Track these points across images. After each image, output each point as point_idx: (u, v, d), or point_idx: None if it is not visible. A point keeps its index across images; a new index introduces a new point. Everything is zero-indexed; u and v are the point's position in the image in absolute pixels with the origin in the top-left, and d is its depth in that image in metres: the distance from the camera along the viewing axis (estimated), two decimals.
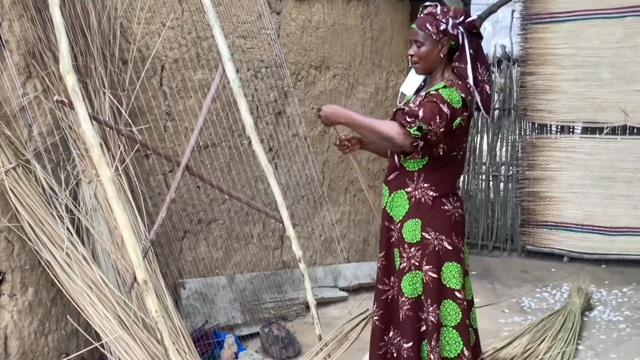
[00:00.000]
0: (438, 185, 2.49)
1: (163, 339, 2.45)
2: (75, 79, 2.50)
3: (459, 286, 2.47)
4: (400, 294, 2.53)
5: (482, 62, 2.45)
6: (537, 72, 5.93)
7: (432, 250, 2.47)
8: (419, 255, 2.48)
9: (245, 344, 3.68)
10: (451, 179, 2.59)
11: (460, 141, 2.51)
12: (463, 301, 2.48)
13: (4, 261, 2.75)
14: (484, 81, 2.44)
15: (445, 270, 2.47)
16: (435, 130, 2.33)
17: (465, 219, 2.62)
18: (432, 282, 2.46)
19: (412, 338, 2.50)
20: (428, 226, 2.48)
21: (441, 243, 2.47)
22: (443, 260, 2.47)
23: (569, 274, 5.26)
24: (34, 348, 2.88)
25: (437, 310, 2.47)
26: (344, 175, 4.92)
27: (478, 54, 2.45)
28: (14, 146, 2.77)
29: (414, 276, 2.49)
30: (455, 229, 2.51)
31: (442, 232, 2.48)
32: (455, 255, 2.49)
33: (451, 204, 2.52)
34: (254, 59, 4.02)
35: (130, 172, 3.18)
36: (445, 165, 2.51)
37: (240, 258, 4.04)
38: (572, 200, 5.79)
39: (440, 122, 2.33)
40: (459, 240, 2.52)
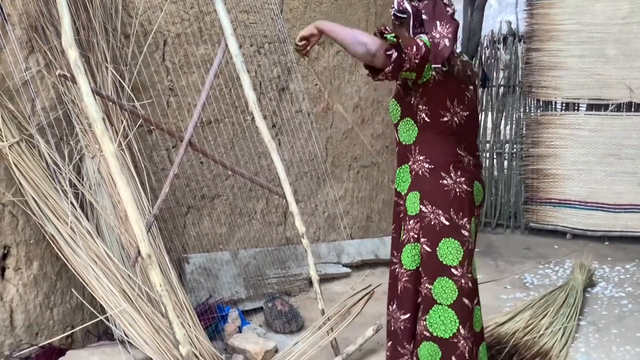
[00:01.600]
0: (432, 157, 2.48)
1: (167, 312, 2.47)
2: (78, 53, 2.49)
3: (457, 263, 2.43)
4: (400, 265, 2.55)
5: (441, 19, 2.43)
6: (543, 49, 5.89)
7: (428, 224, 2.46)
8: (417, 228, 2.48)
9: (248, 318, 3.71)
10: (448, 148, 2.50)
11: (443, 104, 2.45)
12: (461, 278, 2.44)
13: (8, 235, 2.77)
14: (443, 36, 2.40)
15: (442, 246, 2.45)
16: (410, 56, 2.31)
17: (473, 195, 2.51)
18: (426, 256, 2.45)
19: (409, 310, 2.52)
20: (425, 199, 2.48)
21: (438, 218, 2.45)
22: (440, 235, 2.44)
23: (572, 250, 5.27)
24: (39, 321, 2.91)
25: (429, 285, 2.45)
26: (348, 152, 4.91)
27: (435, 14, 2.44)
28: (17, 121, 2.77)
29: (413, 248, 2.50)
30: (454, 204, 2.46)
31: (439, 207, 2.46)
32: (454, 231, 2.45)
33: (452, 179, 2.48)
34: (257, 34, 4.00)
35: (133, 147, 3.18)
36: (437, 133, 2.48)
37: (244, 234, 4.06)
38: (576, 177, 5.78)
39: (416, 52, 2.32)
40: (459, 216, 2.46)
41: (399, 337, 2.56)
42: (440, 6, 2.46)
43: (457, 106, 2.48)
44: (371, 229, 5.21)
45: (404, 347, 2.55)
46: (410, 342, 2.54)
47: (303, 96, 4.36)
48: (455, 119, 2.49)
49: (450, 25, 2.41)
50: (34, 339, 2.89)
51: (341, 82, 4.75)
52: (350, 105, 4.86)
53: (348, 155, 4.92)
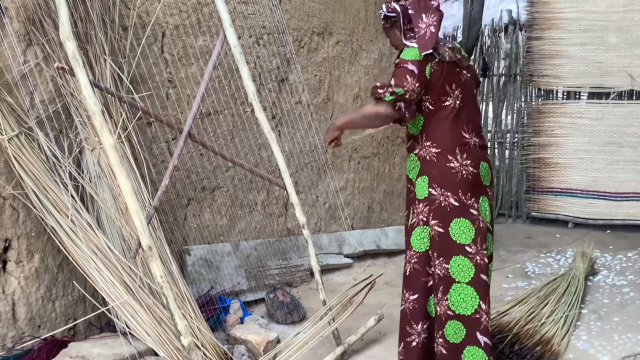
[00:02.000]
0: (438, 141, 2.62)
1: (168, 304, 2.47)
2: (76, 46, 2.49)
3: (469, 241, 2.54)
4: (409, 247, 2.65)
5: (426, 11, 2.62)
6: (544, 37, 5.86)
7: (438, 206, 2.57)
8: (426, 211, 2.60)
9: (250, 309, 3.72)
10: (453, 132, 2.62)
11: (443, 90, 2.60)
12: (476, 255, 2.55)
13: (9, 228, 2.78)
14: (428, 25, 2.60)
15: (454, 226, 2.55)
16: (411, 88, 2.53)
17: (480, 176, 2.63)
18: (439, 236, 2.56)
19: (417, 290, 2.62)
20: (434, 182, 2.59)
21: (447, 199, 2.56)
22: (451, 216, 2.56)
23: (574, 239, 5.26)
24: (41, 313, 2.92)
25: (446, 264, 2.55)
26: (348, 143, 4.90)
27: (420, 8, 2.63)
28: (16, 114, 2.77)
29: (422, 231, 2.61)
30: (462, 186, 2.57)
31: (448, 189, 2.57)
32: (464, 211, 2.56)
33: (458, 161, 2.59)
34: (256, 25, 3.99)
35: (133, 139, 3.18)
36: (442, 119, 2.62)
37: (245, 225, 4.06)
38: (577, 166, 5.77)
39: (412, 79, 2.53)
40: (467, 197, 2.57)
41: (407, 317, 2.66)
42: (425, 0, 2.66)
43: (456, 89, 2.63)
44: (372, 219, 5.21)
45: (412, 327, 2.65)
46: (418, 322, 2.64)
47: (303, 87, 4.35)
48: (458, 102, 2.63)
49: (435, 15, 2.61)
50: (37, 332, 2.90)
51: (341, 73, 4.74)
52: (351, 96, 4.85)
53: (348, 146, 4.91)
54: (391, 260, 4.82)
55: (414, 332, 2.64)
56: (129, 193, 2.49)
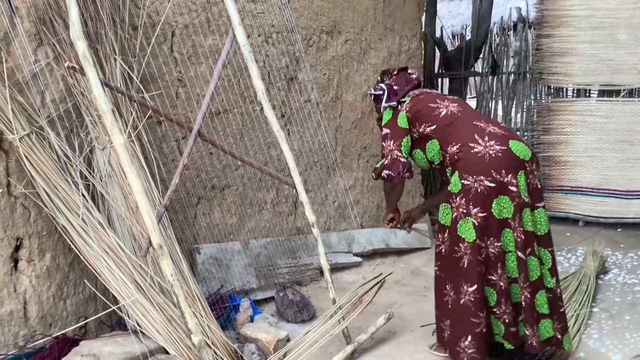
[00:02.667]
0: (456, 138, 2.77)
1: (179, 302, 2.48)
2: (86, 45, 2.50)
3: (510, 215, 2.62)
4: (460, 240, 2.69)
5: (407, 83, 3.15)
6: (553, 35, 5.82)
7: (475, 193, 2.64)
8: (464, 203, 2.66)
9: (260, 307, 3.73)
10: (465, 126, 2.81)
11: (431, 107, 2.92)
12: (515, 230, 2.62)
13: (20, 227, 2.79)
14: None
15: (495, 206, 2.62)
16: (396, 146, 2.94)
17: (512, 151, 2.68)
18: (485, 220, 2.63)
19: (476, 281, 2.66)
20: (464, 172, 2.67)
21: (482, 183, 2.62)
22: (490, 197, 2.62)
23: (584, 237, 5.24)
24: (52, 312, 2.93)
25: (498, 242, 2.64)
26: (357, 141, 4.90)
27: (402, 83, 3.14)
28: (27, 113, 2.78)
29: (466, 222, 2.66)
30: (493, 165, 2.64)
31: (480, 173, 2.64)
32: (502, 189, 2.62)
33: (481, 145, 2.70)
34: (265, 24, 3.99)
35: (143, 138, 3.19)
36: (447, 124, 2.84)
37: (254, 224, 4.07)
38: (588, 164, 5.73)
39: (392, 140, 2.96)
40: (502, 174, 2.62)
41: (471, 309, 2.69)
42: (406, 77, 3.16)
43: (442, 101, 2.96)
44: (382, 218, 5.20)
45: (478, 317, 2.69)
46: (483, 311, 2.69)
47: (312, 86, 4.34)
48: (452, 107, 2.91)
49: (411, 84, 3.15)
50: (48, 330, 2.92)
51: (350, 71, 4.73)
52: (359, 94, 4.84)
53: (357, 144, 4.90)
54: (400, 259, 4.81)
55: (481, 321, 2.68)
56: (140, 192, 2.49)
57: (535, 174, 2.75)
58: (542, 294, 2.73)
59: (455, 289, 2.74)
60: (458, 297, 2.72)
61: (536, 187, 2.75)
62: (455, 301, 2.74)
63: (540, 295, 2.73)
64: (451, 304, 2.77)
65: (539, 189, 2.78)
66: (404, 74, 3.20)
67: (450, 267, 2.76)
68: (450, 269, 2.76)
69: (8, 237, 2.75)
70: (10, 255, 2.77)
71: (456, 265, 2.72)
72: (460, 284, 2.71)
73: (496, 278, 2.69)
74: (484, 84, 6.41)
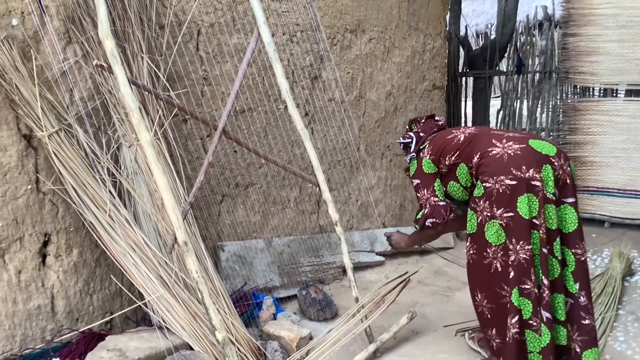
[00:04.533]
0: (476, 151, 2.76)
1: (204, 299, 2.50)
2: (114, 44, 2.52)
3: (535, 213, 2.56)
4: (487, 245, 2.65)
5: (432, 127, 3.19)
6: (580, 34, 5.75)
7: (497, 194, 2.60)
8: (487, 205, 2.63)
9: (283, 305, 3.74)
10: (483, 136, 2.81)
11: (448, 147, 2.91)
12: (540, 228, 2.57)
13: (49, 223, 2.84)
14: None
15: (521, 205, 2.56)
16: (430, 193, 2.95)
17: (532, 148, 2.65)
18: (512, 221, 2.57)
19: (508, 285, 2.61)
20: (485, 175, 2.65)
21: (503, 183, 2.58)
22: (514, 196, 2.56)
23: (610, 239, 5.17)
24: (79, 307, 2.97)
25: (528, 245, 2.56)
26: (380, 140, 4.89)
27: (428, 129, 3.17)
28: (56, 111, 2.82)
29: (492, 225, 2.62)
30: (513, 163, 2.60)
31: (499, 173, 2.60)
32: (526, 185, 2.56)
33: (499, 147, 2.68)
34: (289, 22, 4.00)
35: (169, 136, 3.22)
36: (466, 145, 2.84)
37: (278, 222, 4.08)
38: (614, 164, 5.66)
39: (425, 189, 2.97)
40: (523, 170, 2.57)
41: (505, 312, 2.62)
42: (432, 123, 3.18)
43: (457, 130, 2.98)
44: (404, 217, 5.19)
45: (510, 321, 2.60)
46: (516, 315, 2.59)
47: (337, 84, 4.35)
48: (468, 130, 2.94)
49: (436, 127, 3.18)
50: (75, 325, 2.96)
51: (373, 70, 4.73)
52: (383, 93, 4.83)
53: (381, 143, 4.89)
54: (423, 259, 4.79)
55: (512, 327, 2.61)
56: (165, 189, 2.51)
57: (565, 169, 2.66)
58: (559, 297, 2.65)
59: (489, 297, 2.68)
60: (498, 303, 2.66)
61: (566, 183, 2.66)
62: (494, 309, 2.68)
63: (558, 298, 2.65)
64: (489, 312, 2.71)
65: (570, 185, 2.67)
66: (430, 120, 3.22)
67: (480, 275, 2.71)
68: (480, 278, 2.71)
69: (36, 232, 2.80)
70: (38, 251, 2.82)
71: (487, 272, 2.67)
72: (496, 289, 2.65)
73: (530, 285, 2.58)
74: (508, 83, 6.36)
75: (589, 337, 2.67)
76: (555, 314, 2.64)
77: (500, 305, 2.65)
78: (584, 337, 2.67)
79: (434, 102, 5.49)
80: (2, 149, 2.65)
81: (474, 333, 3.23)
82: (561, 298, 2.65)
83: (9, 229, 2.70)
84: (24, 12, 2.69)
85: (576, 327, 2.68)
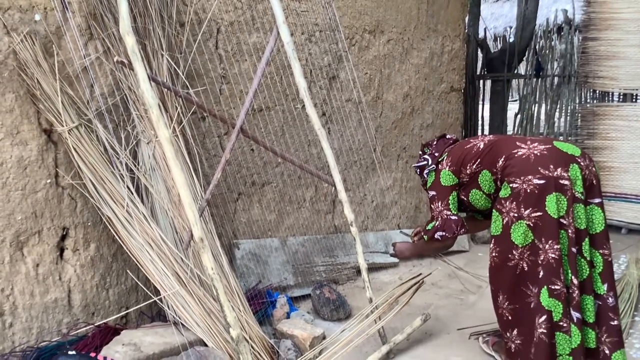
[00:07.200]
0: (500, 155, 2.75)
1: (219, 296, 2.51)
2: (135, 40, 2.54)
3: (563, 213, 2.54)
4: (513, 247, 2.62)
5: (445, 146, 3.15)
6: (600, 38, 5.70)
7: (525, 194, 2.57)
8: (514, 206, 2.60)
9: (297, 304, 3.75)
10: (505, 140, 2.81)
11: (468, 156, 2.88)
12: (568, 228, 2.54)
13: (67, 217, 2.86)
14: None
15: (549, 204, 2.53)
16: (444, 206, 2.93)
17: (557, 149, 2.64)
18: (541, 220, 2.54)
19: (536, 284, 2.58)
20: (511, 176, 2.63)
21: (530, 181, 2.56)
22: (542, 195, 2.54)
23: (627, 245, 5.12)
24: (95, 301, 3.00)
25: (557, 244, 2.53)
26: (397, 142, 4.88)
27: (441, 148, 3.14)
28: (77, 106, 2.85)
29: (519, 226, 2.59)
30: (540, 162, 2.58)
31: (527, 173, 2.58)
32: (554, 184, 2.54)
33: (524, 148, 2.67)
34: (308, 22, 4.00)
35: (187, 133, 3.24)
36: (488, 152, 2.82)
37: (293, 221, 4.09)
38: (632, 170, 5.60)
39: (439, 201, 2.96)
40: (551, 169, 2.55)
41: (532, 313, 2.59)
42: (444, 141, 3.16)
43: (474, 139, 2.98)
44: (419, 219, 5.18)
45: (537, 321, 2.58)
46: (542, 315, 2.57)
47: (355, 85, 4.34)
48: (487, 138, 2.92)
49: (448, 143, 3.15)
50: (90, 319, 2.98)
51: (391, 71, 4.72)
52: (401, 95, 4.82)
53: (397, 144, 4.89)
54: (437, 262, 4.77)
55: (539, 327, 2.58)
56: (183, 185, 2.53)
57: (591, 169, 2.65)
58: (588, 299, 2.63)
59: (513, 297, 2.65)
60: (522, 302, 2.63)
61: (592, 183, 2.65)
62: (516, 309, 2.65)
63: (587, 300, 2.63)
64: (510, 313, 2.68)
65: (596, 185, 2.66)
66: (442, 140, 3.20)
67: (503, 277, 2.68)
68: (503, 279, 2.68)
69: (55, 226, 2.83)
70: (56, 244, 2.85)
71: (512, 273, 2.64)
72: (522, 288, 2.62)
73: (560, 286, 2.55)
74: (527, 86, 6.32)
75: (617, 338, 2.67)
76: (584, 316, 2.62)
77: (524, 304, 2.63)
78: (613, 339, 2.66)
79: (451, 104, 5.47)
80: (23, 143, 2.68)
81: (488, 337, 3.21)
82: (590, 300, 2.63)
83: (28, 222, 2.73)
84: (46, 8, 2.72)
85: (605, 328, 2.67)
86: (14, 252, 2.70)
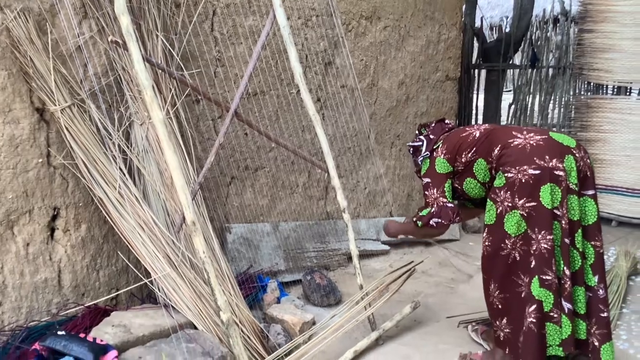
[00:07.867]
0: (495, 144, 2.74)
1: (209, 279, 2.50)
2: (130, 20, 2.51)
3: (557, 204, 2.54)
4: (506, 236, 2.62)
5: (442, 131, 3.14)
6: (596, 30, 5.70)
7: (520, 184, 2.57)
8: (509, 196, 2.60)
9: (287, 289, 3.76)
10: (501, 132, 2.80)
11: (464, 144, 2.87)
12: (562, 219, 2.55)
13: (58, 197, 2.85)
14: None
15: (543, 194, 2.54)
16: (439, 193, 2.90)
17: (553, 140, 2.64)
18: (534, 210, 2.55)
19: (527, 274, 2.59)
20: (506, 166, 2.63)
21: (525, 171, 2.56)
22: (537, 185, 2.54)
23: (617, 238, 5.15)
24: (85, 282, 2.99)
25: (550, 235, 2.54)
26: (391, 129, 4.87)
27: (438, 132, 3.12)
28: (70, 85, 2.82)
29: (512, 216, 2.60)
30: (535, 153, 2.59)
31: (522, 163, 2.59)
32: (549, 175, 2.54)
33: (520, 137, 2.67)
34: (305, 6, 3.97)
35: (180, 116, 3.22)
36: (483, 141, 2.82)
37: (285, 206, 4.08)
38: (624, 163, 5.62)
39: (435, 188, 2.92)
40: (546, 160, 2.56)
41: (522, 302, 2.60)
42: (442, 126, 3.14)
43: (471, 127, 2.98)
44: (411, 207, 5.18)
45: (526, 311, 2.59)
46: (532, 305, 2.56)
47: (349, 71, 4.33)
48: (483, 127, 2.92)
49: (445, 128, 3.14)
50: (80, 299, 2.98)
51: (387, 58, 4.70)
52: (396, 82, 4.81)
53: (391, 132, 4.88)
54: (428, 250, 4.79)
55: (529, 316, 2.58)
56: (176, 168, 2.51)
57: (586, 161, 2.66)
58: (580, 290, 2.64)
59: (503, 286, 2.66)
60: (513, 292, 2.64)
61: (586, 175, 2.66)
62: (507, 298, 2.66)
63: (579, 291, 2.64)
64: (501, 302, 2.69)
65: (590, 177, 2.68)
66: (440, 124, 3.18)
67: (495, 266, 2.68)
68: (495, 268, 2.68)
69: (46, 206, 2.81)
70: (47, 224, 2.83)
71: (504, 262, 2.64)
72: (513, 277, 2.63)
73: (551, 276, 2.55)
74: (522, 77, 6.32)
75: (606, 330, 2.68)
76: (576, 307, 2.64)
77: (514, 294, 2.64)
78: (602, 331, 2.68)
79: (446, 93, 5.46)
80: (15, 121, 2.65)
81: (477, 325, 3.23)
82: (582, 291, 2.65)
83: (19, 201, 2.71)
84: None
85: (594, 320, 2.68)
86: (4, 231, 2.68)
